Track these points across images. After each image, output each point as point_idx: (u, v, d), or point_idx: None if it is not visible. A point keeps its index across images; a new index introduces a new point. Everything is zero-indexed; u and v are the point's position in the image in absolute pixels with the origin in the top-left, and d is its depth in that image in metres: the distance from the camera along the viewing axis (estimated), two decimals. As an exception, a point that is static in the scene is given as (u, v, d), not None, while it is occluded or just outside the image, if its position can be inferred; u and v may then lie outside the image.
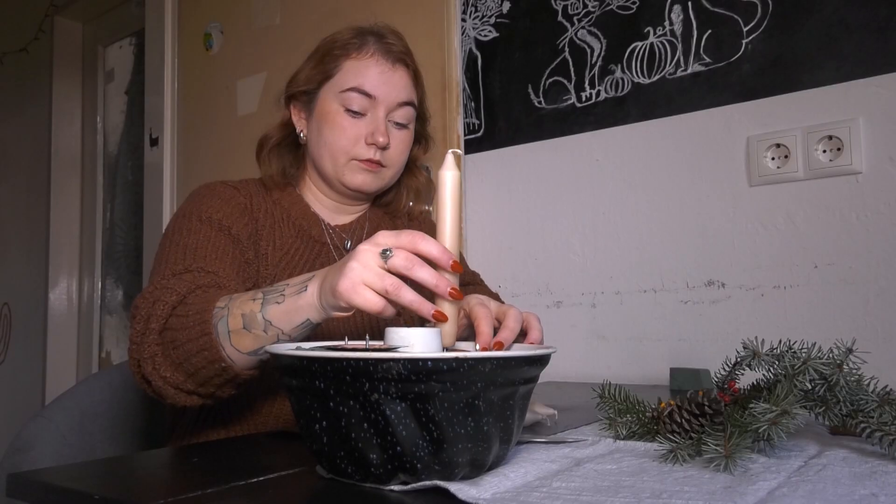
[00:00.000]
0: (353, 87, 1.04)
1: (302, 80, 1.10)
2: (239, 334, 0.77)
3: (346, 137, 1.04)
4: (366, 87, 1.04)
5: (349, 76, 1.05)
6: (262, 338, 0.77)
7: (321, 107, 1.07)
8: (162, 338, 0.81)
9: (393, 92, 1.05)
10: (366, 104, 1.04)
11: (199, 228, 0.97)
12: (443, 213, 0.66)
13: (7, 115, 3.26)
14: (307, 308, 0.74)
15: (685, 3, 1.37)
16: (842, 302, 1.19)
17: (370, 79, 1.04)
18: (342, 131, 1.04)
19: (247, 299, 0.78)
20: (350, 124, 1.04)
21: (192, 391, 0.82)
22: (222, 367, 0.79)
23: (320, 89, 1.07)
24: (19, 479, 0.60)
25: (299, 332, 0.77)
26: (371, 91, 1.04)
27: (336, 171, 1.06)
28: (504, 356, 0.54)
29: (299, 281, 0.76)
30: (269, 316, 0.76)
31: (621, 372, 1.41)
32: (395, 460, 0.53)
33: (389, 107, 1.05)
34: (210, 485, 0.57)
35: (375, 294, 0.66)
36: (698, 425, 0.67)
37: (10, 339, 3.12)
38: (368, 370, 0.51)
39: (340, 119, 1.04)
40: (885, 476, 0.56)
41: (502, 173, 1.62)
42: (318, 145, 1.07)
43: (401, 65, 1.07)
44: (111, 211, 3.01)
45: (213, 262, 0.93)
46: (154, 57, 2.50)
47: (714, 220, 1.33)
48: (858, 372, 0.67)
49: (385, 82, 1.05)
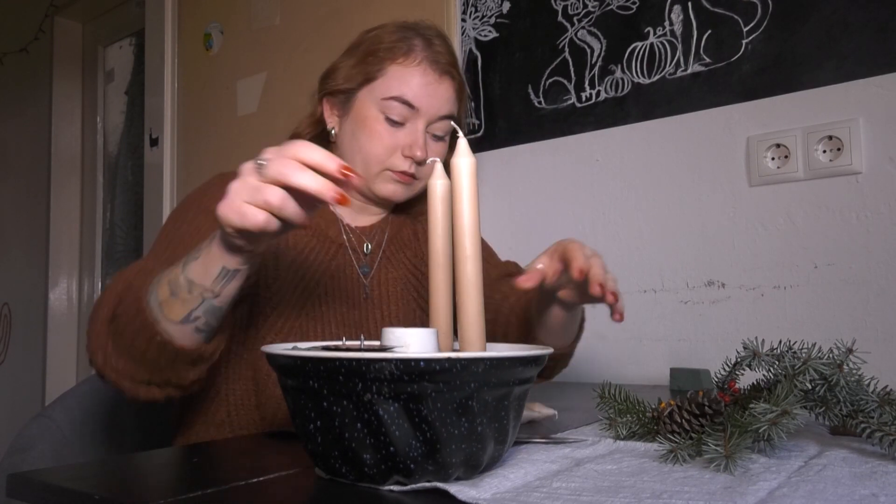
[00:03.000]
0: (397, 96, 0.99)
1: (341, 78, 1.05)
2: (168, 303, 0.73)
3: (382, 146, 1.00)
4: (409, 97, 0.99)
5: (393, 83, 1.00)
6: (188, 300, 0.72)
7: (359, 109, 1.02)
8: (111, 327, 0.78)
9: (436, 104, 1.01)
10: (406, 114, 1.00)
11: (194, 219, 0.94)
12: (459, 204, 0.61)
13: (7, 115, 3.25)
14: (218, 254, 0.70)
15: (685, 3, 1.37)
16: (842, 302, 1.19)
17: (414, 89, 1.00)
18: (379, 139, 1.00)
19: (175, 267, 0.74)
20: (388, 133, 1.00)
21: (148, 381, 0.78)
22: (161, 342, 0.74)
23: (360, 90, 1.03)
24: (19, 479, 0.60)
25: (221, 285, 0.72)
26: (414, 102, 0.99)
27: (367, 178, 1.02)
28: (497, 357, 0.54)
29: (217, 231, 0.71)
30: (190, 274, 0.72)
31: (621, 372, 1.41)
32: (389, 460, 0.53)
33: (430, 119, 1.01)
34: (210, 485, 0.57)
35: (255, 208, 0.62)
36: (698, 425, 0.67)
37: (10, 339, 3.12)
38: (361, 370, 0.51)
39: (379, 127, 1.00)
40: (885, 476, 0.56)
41: (502, 173, 1.62)
42: (351, 149, 1.03)
43: (447, 77, 1.03)
44: (111, 211, 3.01)
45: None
46: (154, 57, 2.50)
47: (714, 220, 1.33)
48: (858, 372, 0.67)
49: (430, 94, 1.00)
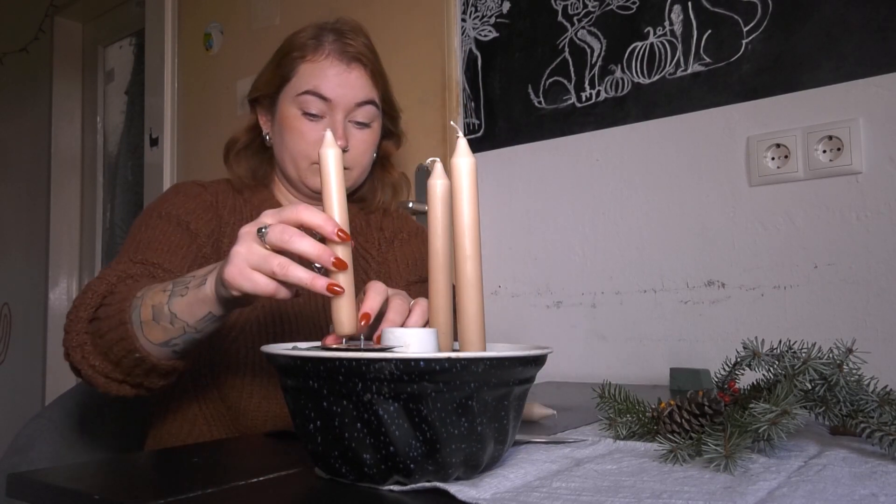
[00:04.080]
0: (308, 90, 1.03)
1: (261, 84, 1.10)
2: (149, 325, 0.76)
3: (305, 142, 1.04)
4: (321, 89, 1.03)
5: (304, 80, 1.04)
6: (169, 330, 0.75)
7: (281, 111, 1.06)
8: (91, 327, 0.81)
9: (350, 93, 1.04)
10: (323, 107, 1.03)
11: (156, 224, 0.99)
12: (459, 204, 0.60)
13: (7, 115, 3.25)
14: (207, 301, 0.72)
15: (685, 3, 1.37)
16: (842, 302, 1.19)
17: (325, 81, 1.03)
18: (301, 136, 1.04)
19: (159, 290, 0.77)
20: (309, 128, 1.04)
21: (122, 380, 0.82)
22: (139, 358, 0.78)
23: (279, 93, 1.07)
24: (19, 479, 0.60)
25: (204, 325, 0.75)
26: (326, 93, 1.03)
27: (299, 175, 1.06)
28: (498, 357, 0.54)
29: (203, 273, 0.74)
30: (175, 308, 0.74)
31: (621, 372, 1.41)
32: (389, 460, 0.53)
33: (347, 108, 1.04)
34: (210, 485, 0.57)
35: (264, 277, 0.64)
36: (698, 425, 0.67)
37: (10, 339, 3.12)
38: (361, 370, 0.51)
39: (299, 123, 1.04)
40: (885, 476, 0.56)
41: (502, 173, 1.62)
42: (280, 150, 1.07)
43: (357, 64, 1.05)
44: (111, 211, 3.01)
45: (164, 255, 0.94)
46: (154, 57, 2.50)
47: (714, 220, 1.33)
48: (858, 372, 0.67)
49: (341, 83, 1.03)
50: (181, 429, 1.01)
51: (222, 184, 1.12)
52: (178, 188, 1.08)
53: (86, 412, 1.07)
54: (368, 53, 1.07)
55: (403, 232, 1.18)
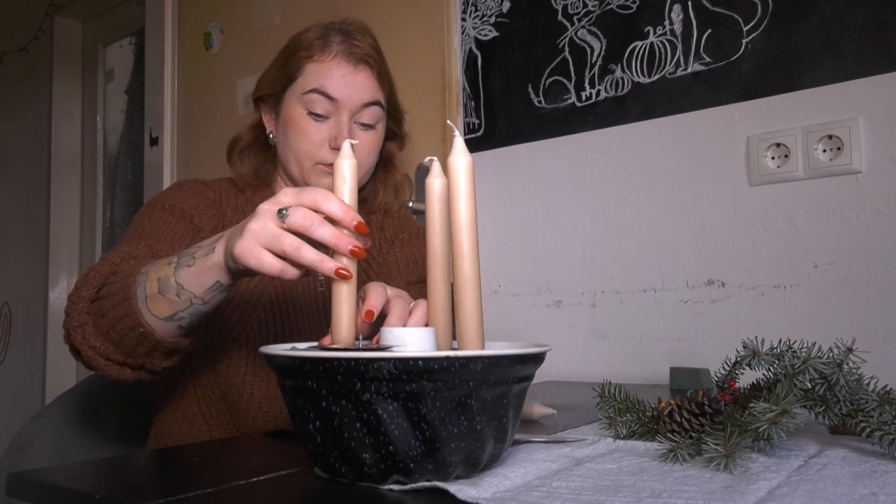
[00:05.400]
0: (315, 88, 1.03)
1: (267, 82, 1.10)
2: (154, 299, 0.76)
3: (310, 142, 1.04)
4: (328, 89, 1.03)
5: (311, 79, 1.04)
6: (175, 302, 0.75)
7: (286, 110, 1.06)
8: (93, 307, 0.81)
9: (356, 94, 1.04)
10: (329, 107, 1.03)
11: (160, 216, 0.99)
12: (456, 202, 0.60)
13: (7, 115, 3.25)
14: (215, 269, 0.72)
15: (685, 3, 1.37)
16: (842, 302, 1.19)
17: (332, 81, 1.03)
18: (306, 136, 1.04)
19: (164, 264, 0.77)
20: (314, 128, 1.04)
21: (122, 362, 0.81)
22: (142, 334, 0.77)
23: (285, 92, 1.07)
24: (19, 478, 0.60)
25: (211, 295, 0.75)
26: (333, 93, 1.03)
27: (303, 175, 1.06)
28: (496, 355, 0.53)
29: (209, 242, 0.74)
30: (181, 279, 0.74)
31: (621, 371, 1.41)
32: (388, 460, 0.53)
33: (353, 109, 1.04)
34: (210, 485, 0.57)
35: (273, 256, 0.65)
36: (698, 425, 0.67)
37: (10, 339, 3.12)
38: (359, 370, 0.51)
39: (304, 123, 1.04)
40: (885, 475, 0.56)
41: (502, 173, 1.62)
42: (284, 149, 1.07)
43: (364, 65, 1.05)
44: (111, 210, 3.01)
45: (167, 244, 0.94)
46: (154, 57, 2.50)
47: (714, 220, 1.33)
48: (858, 371, 0.67)
49: (347, 84, 1.04)
50: (181, 428, 1.01)
51: (224, 182, 1.12)
52: (181, 185, 1.08)
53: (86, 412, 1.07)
54: (375, 55, 1.07)
55: (404, 232, 1.18)
